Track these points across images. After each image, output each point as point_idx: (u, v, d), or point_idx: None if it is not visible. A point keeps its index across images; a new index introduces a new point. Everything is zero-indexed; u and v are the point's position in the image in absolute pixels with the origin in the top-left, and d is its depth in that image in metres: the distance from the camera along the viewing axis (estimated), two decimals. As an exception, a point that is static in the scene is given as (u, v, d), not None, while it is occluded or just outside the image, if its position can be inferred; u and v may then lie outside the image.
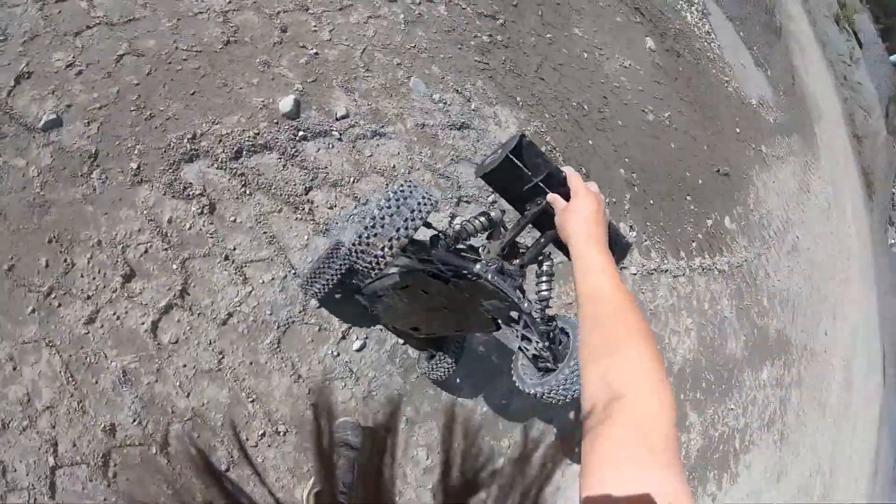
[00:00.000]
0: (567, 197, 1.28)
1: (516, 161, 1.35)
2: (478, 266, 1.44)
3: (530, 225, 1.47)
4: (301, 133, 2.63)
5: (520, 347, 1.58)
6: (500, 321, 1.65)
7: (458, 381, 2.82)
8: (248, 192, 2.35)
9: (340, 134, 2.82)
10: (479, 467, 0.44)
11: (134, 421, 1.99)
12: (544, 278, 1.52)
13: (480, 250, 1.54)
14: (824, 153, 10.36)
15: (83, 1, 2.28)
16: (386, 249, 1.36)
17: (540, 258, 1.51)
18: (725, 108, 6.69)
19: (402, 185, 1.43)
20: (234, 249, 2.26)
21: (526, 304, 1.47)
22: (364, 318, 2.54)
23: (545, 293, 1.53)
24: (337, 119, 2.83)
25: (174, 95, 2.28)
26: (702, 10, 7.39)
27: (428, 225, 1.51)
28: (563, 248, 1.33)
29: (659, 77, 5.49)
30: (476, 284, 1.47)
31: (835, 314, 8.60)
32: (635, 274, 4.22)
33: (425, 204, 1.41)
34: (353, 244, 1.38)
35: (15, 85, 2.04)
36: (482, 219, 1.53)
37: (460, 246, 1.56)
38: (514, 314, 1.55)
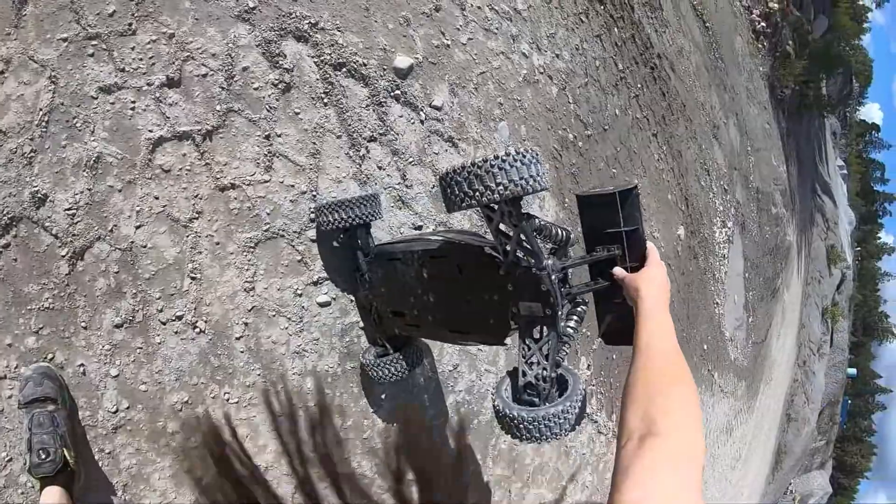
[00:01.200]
0: (640, 261, 1.38)
1: (619, 203, 1.37)
2: (551, 261, 1.34)
3: (587, 267, 1.48)
4: (397, 92, 2.48)
5: (520, 370, 1.35)
6: (511, 334, 1.44)
7: (382, 396, 2.49)
8: (325, 100, 2.15)
9: (425, 119, 2.68)
10: None
11: (69, 210, 1.65)
12: (575, 317, 1.45)
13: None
14: (757, 413, 10.56)
15: None
16: (502, 188, 1.20)
17: (578, 300, 1.44)
18: (704, 325, 6.82)
19: (532, 151, 1.27)
20: (279, 136, 2.02)
21: (562, 324, 1.36)
22: (344, 280, 2.25)
23: (570, 331, 1.35)
24: (431, 105, 2.70)
25: None
26: (729, 235, 7.72)
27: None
28: (610, 312, 1.47)
29: (673, 263, 5.55)
30: (530, 279, 1.36)
31: None
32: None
33: (541, 176, 1.23)
34: (473, 164, 1.18)
35: None
36: (563, 231, 1.36)
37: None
38: (537, 331, 1.33)
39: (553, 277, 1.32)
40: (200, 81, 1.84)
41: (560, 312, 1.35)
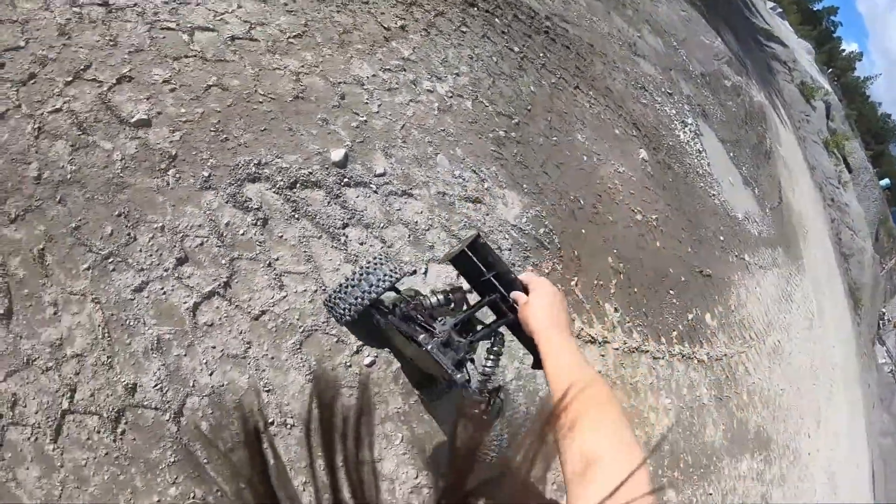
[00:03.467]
0: (526, 291, 1.43)
1: (471, 255, 1.50)
2: (422, 336, 1.66)
3: (492, 310, 1.62)
4: (346, 180, 3.00)
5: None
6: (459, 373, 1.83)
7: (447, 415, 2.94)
8: (296, 216, 2.67)
9: (377, 188, 3.19)
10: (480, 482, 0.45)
11: (156, 386, 2.16)
12: (491, 356, 1.75)
13: (437, 322, 1.75)
14: (809, 267, 10.72)
15: (185, 34, 2.75)
16: (347, 309, 1.75)
17: (493, 337, 1.70)
18: (710, 218, 7.12)
19: (374, 258, 1.73)
20: (277, 260, 2.53)
21: (459, 376, 1.65)
22: (376, 341, 2.73)
23: (488, 369, 1.76)
24: (375, 175, 3.21)
25: (248, 128, 2.67)
26: (694, 130, 8.06)
27: (396, 291, 1.77)
28: (528, 343, 1.42)
29: (649, 184, 5.95)
30: (421, 350, 1.69)
31: (818, 420, 8.47)
32: (617, 349, 4.35)
33: (391, 275, 1.68)
34: (325, 300, 1.70)
35: (116, 83, 2.45)
36: (440, 296, 1.79)
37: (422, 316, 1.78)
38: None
39: (430, 347, 1.59)
40: (201, 249, 2.38)
41: (453, 370, 1.61)
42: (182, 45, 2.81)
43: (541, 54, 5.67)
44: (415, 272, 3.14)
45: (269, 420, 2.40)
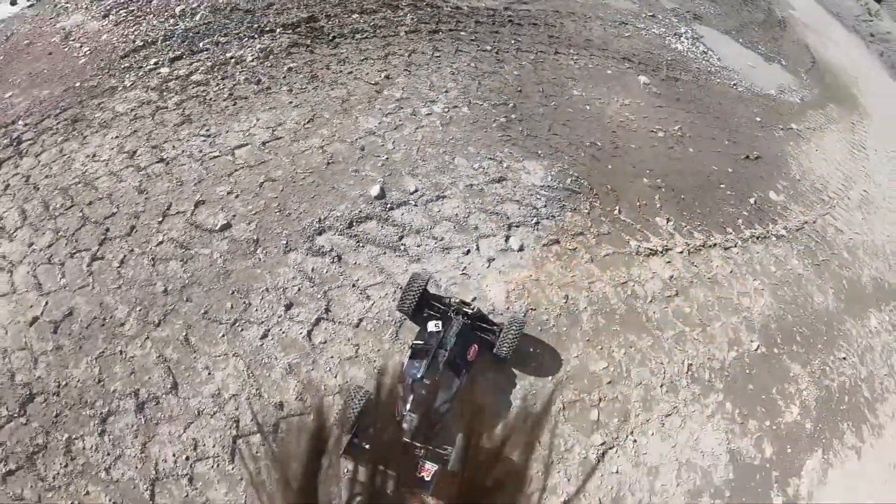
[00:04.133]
0: None
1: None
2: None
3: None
4: (389, 205, 3.75)
5: None
6: None
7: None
8: (361, 245, 3.43)
9: (415, 202, 3.89)
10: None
11: (297, 398, 2.86)
12: None
13: None
14: (873, 110, 10.10)
15: (228, 156, 3.65)
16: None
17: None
18: (739, 106, 7.22)
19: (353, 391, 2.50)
20: (358, 280, 3.26)
21: None
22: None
23: None
24: (410, 193, 3.91)
25: (302, 199, 3.48)
26: (690, 37, 8.18)
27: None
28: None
29: (660, 102, 6.25)
30: None
31: None
32: (681, 252, 4.65)
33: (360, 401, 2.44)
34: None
35: (195, 208, 3.34)
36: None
37: None
38: None
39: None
40: (300, 293, 3.15)
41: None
42: (229, 163, 3.72)
43: (512, 41, 6.24)
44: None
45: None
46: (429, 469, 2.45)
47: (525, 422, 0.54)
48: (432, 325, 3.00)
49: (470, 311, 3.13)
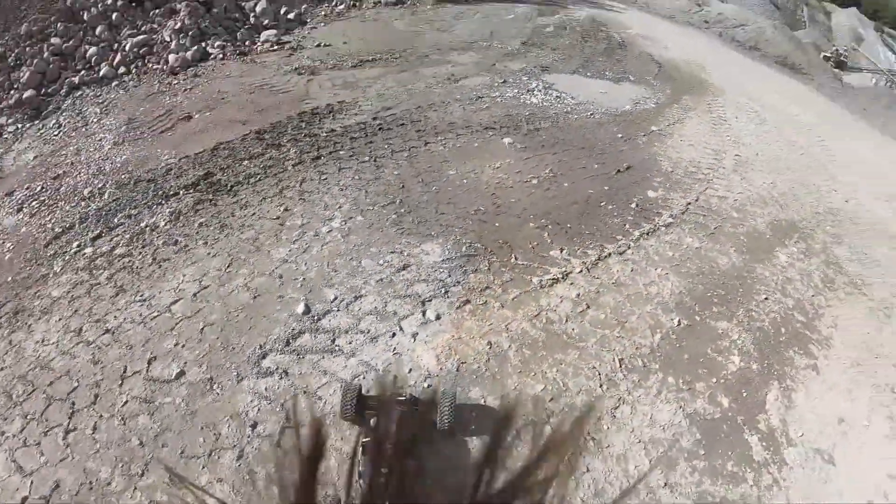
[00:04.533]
0: None
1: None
2: None
3: None
4: (316, 317, 4.65)
5: None
6: None
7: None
8: (301, 357, 4.34)
9: (338, 308, 4.72)
10: None
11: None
12: None
13: None
14: (726, 86, 11.87)
15: (166, 312, 4.40)
16: None
17: None
18: (599, 130, 8.60)
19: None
20: (307, 386, 4.08)
21: None
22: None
23: None
24: (331, 302, 4.81)
25: (240, 333, 4.36)
26: (543, 88, 9.67)
27: None
28: None
29: (526, 155, 7.50)
30: None
31: (831, 174, 9.21)
32: (581, 271, 5.55)
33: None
34: None
35: (148, 365, 4.19)
36: None
37: None
38: None
39: None
40: (261, 411, 3.82)
41: None
42: (169, 319, 4.51)
43: (386, 146, 7.42)
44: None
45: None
46: None
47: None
48: (373, 422, 3.68)
49: (404, 399, 3.86)
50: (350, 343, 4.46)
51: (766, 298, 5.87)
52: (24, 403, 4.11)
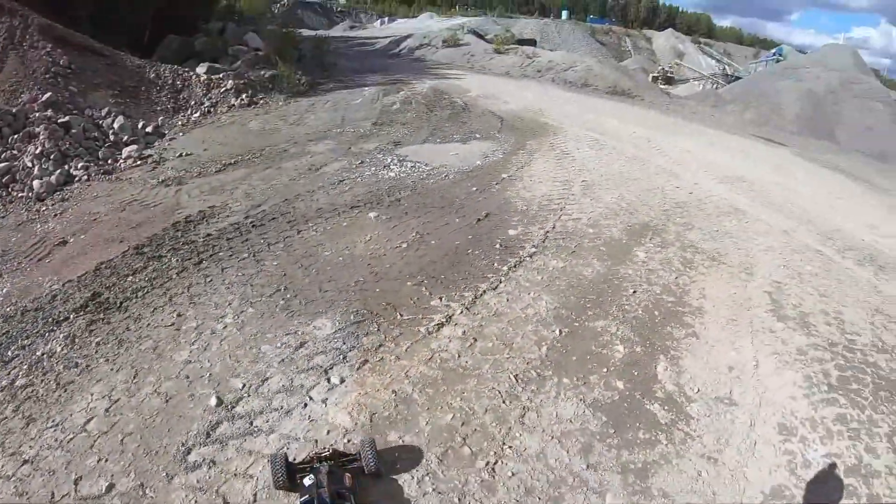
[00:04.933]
0: None
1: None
2: None
3: None
4: (229, 406, 5.17)
5: None
6: None
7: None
8: (224, 444, 4.79)
9: (248, 393, 5.34)
10: None
11: None
12: None
13: None
14: (567, 124, 13.88)
15: (83, 433, 4.72)
16: None
17: None
18: (455, 188, 9.84)
19: None
20: (236, 469, 4.52)
21: None
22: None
23: None
24: (240, 389, 5.39)
25: (161, 436, 4.77)
26: (398, 161, 10.94)
27: None
28: None
29: (393, 223, 8.57)
30: None
31: (674, 174, 11.12)
32: (461, 312, 6.45)
33: None
34: None
35: (76, 486, 4.39)
36: None
37: None
38: None
39: None
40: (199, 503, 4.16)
41: None
42: (86, 438, 4.82)
43: (261, 241, 8.11)
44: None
45: None
46: None
47: None
48: (307, 480, 4.19)
49: (327, 454, 4.42)
50: (267, 421, 4.96)
51: (634, 292, 7.11)
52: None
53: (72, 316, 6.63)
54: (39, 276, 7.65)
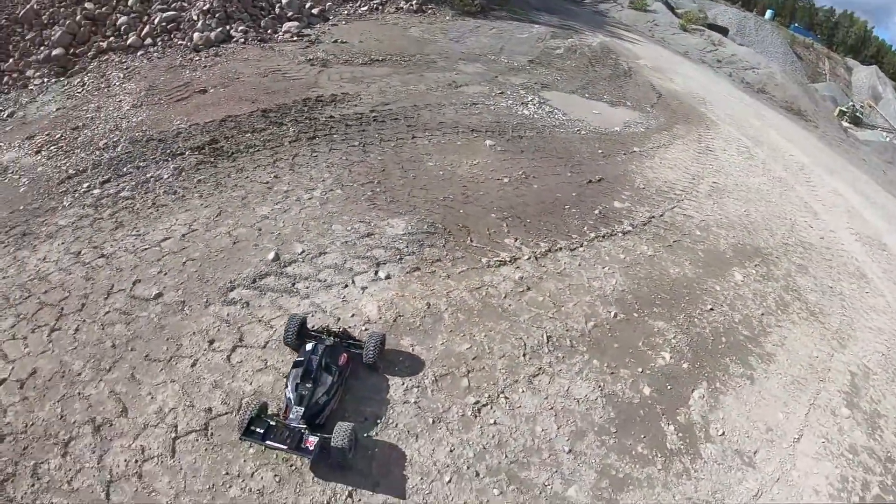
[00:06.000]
0: None
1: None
2: None
3: None
4: (283, 264, 5.48)
5: None
6: None
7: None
8: (263, 293, 5.13)
9: (303, 259, 5.53)
10: None
11: (221, 403, 4.18)
12: None
13: None
14: (722, 120, 12.62)
15: (157, 247, 5.29)
16: None
17: None
18: (581, 145, 9.40)
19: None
20: (263, 316, 4.86)
21: None
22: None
23: None
24: (299, 254, 5.64)
25: (216, 269, 5.18)
26: (538, 102, 10.52)
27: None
28: None
29: (504, 157, 8.33)
30: None
31: (814, 212, 9.88)
32: (528, 258, 6.29)
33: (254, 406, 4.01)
34: None
35: (133, 286, 4.96)
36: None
37: None
38: None
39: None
40: (220, 331, 4.61)
41: None
42: (157, 252, 5.40)
43: (376, 135, 8.28)
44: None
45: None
46: (311, 441, 3.80)
47: None
48: (308, 346, 4.44)
49: (337, 332, 4.63)
50: (307, 287, 5.22)
51: (711, 309, 6.47)
52: (18, 306, 4.90)
53: (187, 153, 7.32)
54: (173, 114, 8.45)
